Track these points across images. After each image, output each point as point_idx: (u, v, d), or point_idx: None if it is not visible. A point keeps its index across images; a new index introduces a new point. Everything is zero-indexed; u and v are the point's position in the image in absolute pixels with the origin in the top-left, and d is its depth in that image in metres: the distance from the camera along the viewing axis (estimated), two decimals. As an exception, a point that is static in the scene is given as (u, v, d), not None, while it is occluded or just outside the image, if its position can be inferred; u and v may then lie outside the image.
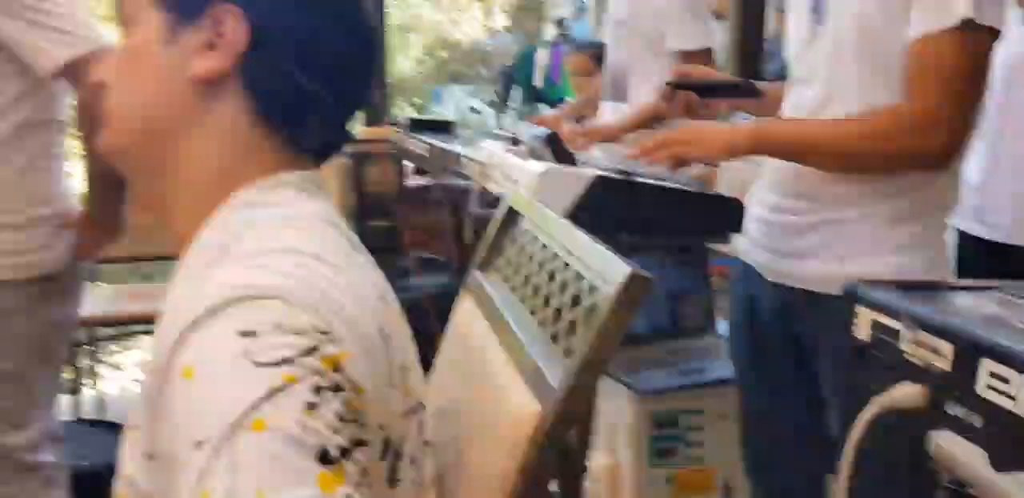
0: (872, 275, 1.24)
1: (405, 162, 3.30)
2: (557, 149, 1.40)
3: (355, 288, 0.66)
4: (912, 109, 1.24)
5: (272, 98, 0.74)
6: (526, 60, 7.48)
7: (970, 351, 0.78)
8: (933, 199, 1.35)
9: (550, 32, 8.22)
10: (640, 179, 1.36)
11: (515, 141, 1.54)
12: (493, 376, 0.84)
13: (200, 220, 0.72)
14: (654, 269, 2.17)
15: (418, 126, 2.59)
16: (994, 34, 1.24)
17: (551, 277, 0.84)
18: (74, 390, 2.94)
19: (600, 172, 1.33)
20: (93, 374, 3.20)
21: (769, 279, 1.44)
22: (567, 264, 0.81)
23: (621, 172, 1.37)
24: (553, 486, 1.03)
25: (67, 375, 2.61)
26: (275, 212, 0.71)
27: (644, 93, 2.59)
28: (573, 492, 1.01)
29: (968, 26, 1.20)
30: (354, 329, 0.62)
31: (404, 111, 14.00)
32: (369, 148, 3.32)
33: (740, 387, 1.63)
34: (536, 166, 1.34)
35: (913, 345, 0.86)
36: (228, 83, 0.73)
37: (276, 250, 0.65)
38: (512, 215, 1.02)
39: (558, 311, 0.78)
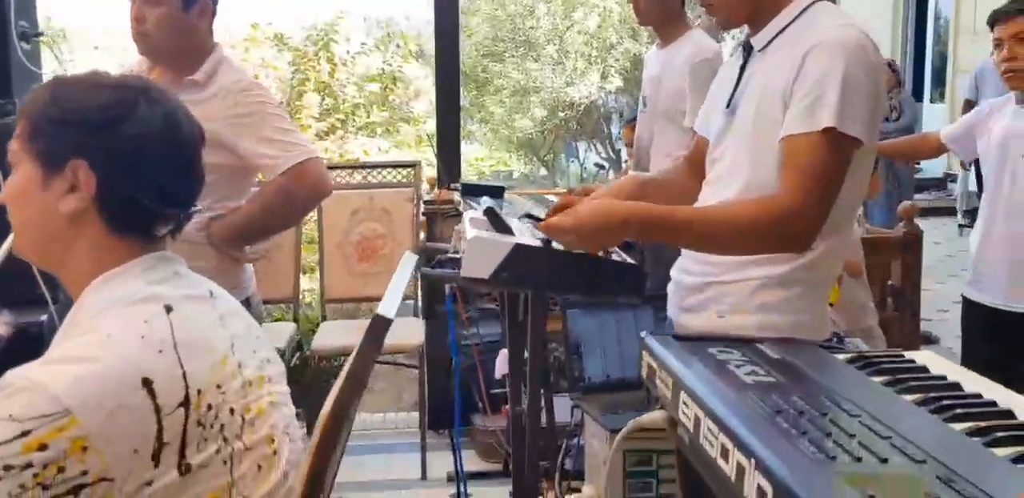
0: (741, 330, 1.50)
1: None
2: (493, 220, 1.71)
3: (132, 358, 1.00)
4: (778, 200, 1.47)
5: (122, 218, 1.12)
6: (639, 120, 7.77)
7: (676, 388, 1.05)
8: (814, 269, 1.58)
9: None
10: (556, 247, 1.66)
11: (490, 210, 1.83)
12: None
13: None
14: (641, 321, 2.42)
15: (470, 190, 2.90)
16: (857, 143, 1.48)
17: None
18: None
19: (519, 241, 1.63)
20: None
21: (675, 331, 1.70)
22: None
23: (545, 241, 1.66)
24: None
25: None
26: (107, 298, 1.08)
27: (660, 165, 2.88)
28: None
29: (830, 133, 1.45)
30: (102, 401, 0.96)
31: (532, 165, 14.57)
32: (438, 208, 3.74)
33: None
34: (469, 233, 1.66)
35: (660, 383, 1.13)
36: (89, 213, 1.11)
37: (71, 356, 1.01)
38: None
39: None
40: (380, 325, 0.97)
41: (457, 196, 3.37)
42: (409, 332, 3.36)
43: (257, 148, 2.07)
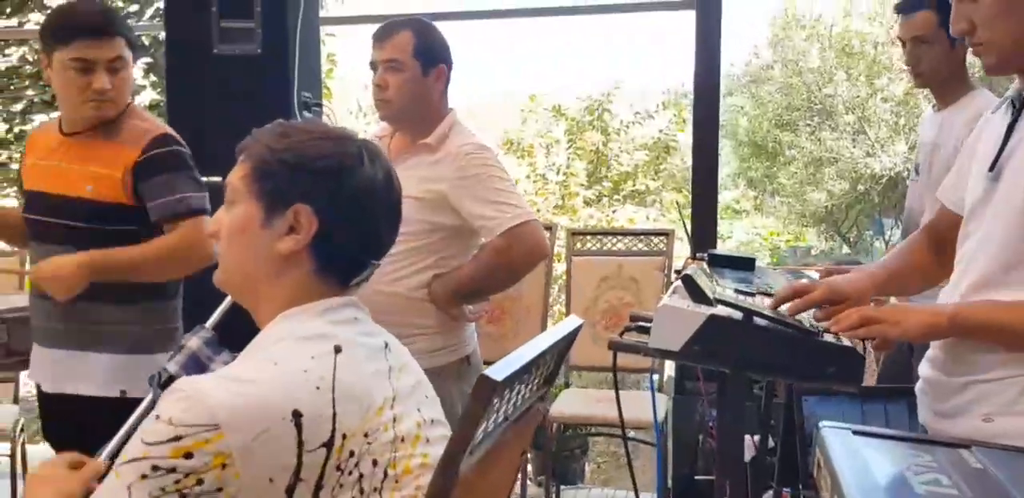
0: (1012, 436, 1.27)
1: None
2: (691, 289, 1.58)
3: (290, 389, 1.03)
4: None
5: (330, 263, 1.16)
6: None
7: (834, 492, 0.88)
8: None
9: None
10: (759, 321, 1.48)
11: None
12: None
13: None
14: (893, 416, 2.13)
15: (718, 261, 2.78)
16: None
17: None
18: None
19: (716, 311, 1.49)
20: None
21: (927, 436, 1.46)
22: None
23: (747, 312, 1.50)
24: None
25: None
26: (286, 328, 1.12)
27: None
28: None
29: None
30: (250, 423, 0.99)
31: (833, 241, 13.76)
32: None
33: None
34: (662, 301, 1.54)
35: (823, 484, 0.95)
36: (302, 254, 1.15)
37: (236, 376, 1.04)
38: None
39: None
40: (486, 387, 0.90)
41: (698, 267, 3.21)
42: (646, 406, 3.22)
43: (477, 209, 2.10)
